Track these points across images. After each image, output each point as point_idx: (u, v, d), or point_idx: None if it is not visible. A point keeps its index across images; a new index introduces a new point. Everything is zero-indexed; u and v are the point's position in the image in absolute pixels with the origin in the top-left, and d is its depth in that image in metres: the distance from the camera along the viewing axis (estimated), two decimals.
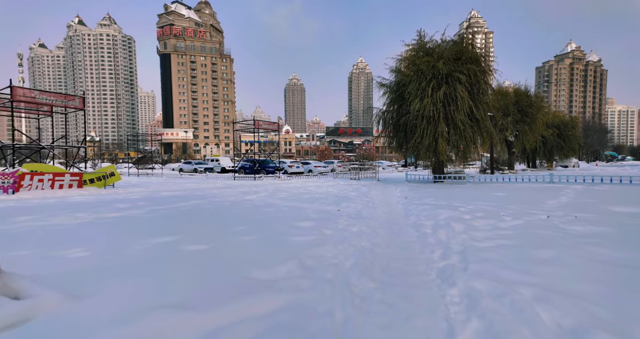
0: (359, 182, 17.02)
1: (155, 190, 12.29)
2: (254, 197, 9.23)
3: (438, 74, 14.35)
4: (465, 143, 15.22)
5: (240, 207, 7.12)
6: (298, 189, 12.07)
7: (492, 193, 9.83)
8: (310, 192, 11.01)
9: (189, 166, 32.54)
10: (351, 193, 10.79)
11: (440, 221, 5.51)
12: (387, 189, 13.45)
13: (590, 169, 32.87)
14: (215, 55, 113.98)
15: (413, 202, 8.12)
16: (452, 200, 8.34)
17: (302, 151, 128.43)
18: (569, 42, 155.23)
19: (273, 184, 15.51)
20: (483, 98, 15.10)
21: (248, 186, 14.25)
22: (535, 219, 5.60)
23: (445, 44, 14.85)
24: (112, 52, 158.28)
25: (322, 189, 12.46)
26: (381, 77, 17.27)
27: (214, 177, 22.52)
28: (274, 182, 17.80)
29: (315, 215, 6.01)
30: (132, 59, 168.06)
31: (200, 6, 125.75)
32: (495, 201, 8.03)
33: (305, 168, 28.06)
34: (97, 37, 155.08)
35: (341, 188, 12.81)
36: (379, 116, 17.58)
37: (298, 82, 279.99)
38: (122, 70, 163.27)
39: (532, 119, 24.63)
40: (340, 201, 8.35)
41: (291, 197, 9.18)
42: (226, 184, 16.56)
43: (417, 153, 16.79)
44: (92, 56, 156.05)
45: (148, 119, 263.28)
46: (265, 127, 20.55)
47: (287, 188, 12.70)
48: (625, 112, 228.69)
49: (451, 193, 10.38)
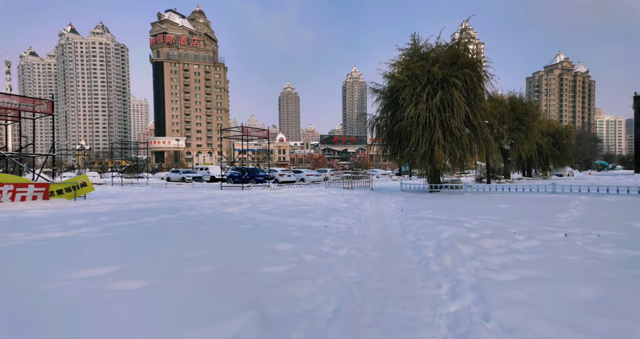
0: (351, 192, 16.20)
1: (130, 202, 11.29)
2: (234, 210, 8.32)
3: (433, 79, 13.77)
4: (462, 151, 14.57)
5: (215, 223, 6.22)
6: (285, 200, 11.19)
7: (495, 205, 9.08)
8: (298, 203, 10.13)
9: (177, 175, 31.43)
10: (342, 205, 9.95)
11: (444, 241, 4.68)
12: (381, 199, 12.65)
13: (585, 178, 32.58)
14: (209, 64, 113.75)
15: (410, 216, 7.30)
16: (453, 213, 7.54)
17: (296, 159, 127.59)
18: (558, 53, 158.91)
19: (260, 194, 14.60)
20: (480, 104, 14.53)
21: (233, 197, 13.31)
22: (552, 238, 4.81)
23: (441, 49, 14.33)
24: (104, 61, 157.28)
25: (311, 199, 11.60)
26: (374, 83, 16.70)
27: (200, 186, 21.51)
28: (262, 192, 16.88)
29: (298, 233, 5.14)
30: (125, 67, 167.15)
31: (195, 15, 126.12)
32: (500, 214, 7.26)
33: (297, 177, 27.19)
34: (89, 45, 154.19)
35: (332, 199, 11.96)
36: (372, 123, 16.91)
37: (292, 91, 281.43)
38: (114, 78, 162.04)
39: (527, 127, 24.25)
40: (329, 215, 7.50)
41: (275, 210, 8.30)
42: (211, 194, 15.59)
43: (412, 161, 16.09)
44: (84, 64, 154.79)
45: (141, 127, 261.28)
46: (254, 134, 19.72)
47: (274, 199, 11.81)
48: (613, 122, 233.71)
49: (450, 205, 9.60)
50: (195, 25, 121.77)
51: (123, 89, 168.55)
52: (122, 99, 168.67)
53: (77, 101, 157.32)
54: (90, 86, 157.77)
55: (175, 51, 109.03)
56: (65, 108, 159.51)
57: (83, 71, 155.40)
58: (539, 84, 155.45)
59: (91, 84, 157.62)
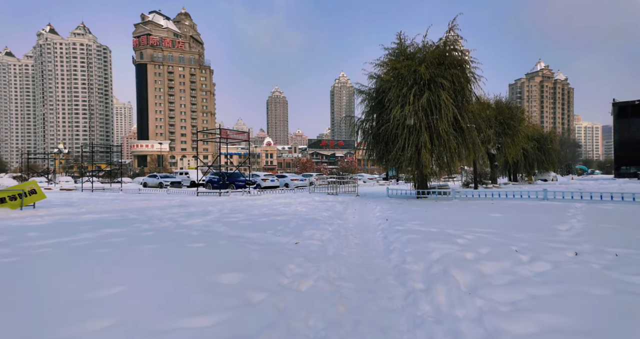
0: (336, 198, 15.31)
1: (85, 211, 10.05)
2: (197, 222, 7.27)
3: (420, 79, 13.10)
4: (450, 155, 13.91)
5: (162, 241, 5.18)
6: (261, 209, 10.19)
7: (487, 214, 8.33)
8: (274, 212, 9.15)
9: (154, 179, 29.87)
10: (323, 214, 9.02)
11: (435, 264, 3.81)
12: (366, 206, 11.79)
13: (569, 182, 32.78)
14: (194, 66, 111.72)
15: (395, 228, 6.44)
16: (443, 224, 6.73)
17: (284, 164, 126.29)
18: (539, 61, 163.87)
19: (236, 202, 13.52)
20: (468, 107, 13.95)
21: (205, 204, 12.20)
22: (562, 258, 4.01)
23: (427, 48, 13.70)
24: (85, 62, 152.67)
25: (290, 208, 10.63)
26: (359, 84, 15.96)
27: (176, 192, 20.21)
28: (241, 198, 15.79)
29: (258, 255, 4.18)
30: (108, 69, 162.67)
31: (180, 17, 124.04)
32: (495, 225, 6.48)
33: (280, 182, 26.14)
34: (69, 46, 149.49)
35: (313, 206, 11.02)
36: (358, 125, 16.12)
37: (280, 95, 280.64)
38: (96, 80, 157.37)
39: (514, 131, 24.02)
40: (305, 227, 6.56)
41: (244, 222, 7.30)
42: (183, 201, 14.41)
43: (399, 166, 15.38)
44: (63, 66, 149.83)
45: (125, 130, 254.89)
46: (234, 137, 18.64)
47: (249, 207, 10.77)
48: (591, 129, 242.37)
49: (439, 213, 8.81)
50: (181, 27, 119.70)
51: (105, 91, 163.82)
52: (104, 101, 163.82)
53: (57, 103, 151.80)
54: (70, 87, 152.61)
55: (160, 53, 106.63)
56: (44, 110, 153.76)
57: (63, 73, 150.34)
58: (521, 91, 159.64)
59: (71, 86, 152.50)
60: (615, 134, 48.40)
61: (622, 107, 46.19)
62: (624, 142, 46.41)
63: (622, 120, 46.26)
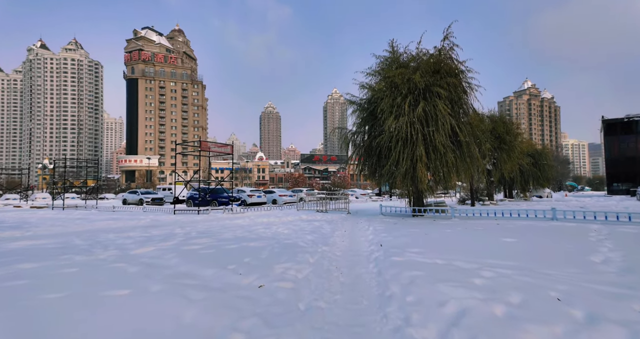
0: (325, 216, 14.00)
1: (32, 235, 8.54)
2: (149, 251, 5.89)
3: (414, 88, 12.19)
4: (447, 170, 12.82)
5: (77, 284, 3.81)
6: (237, 231, 8.81)
7: (497, 238, 7.12)
8: (248, 236, 7.79)
9: (134, 196, 28.12)
10: (306, 237, 7.70)
11: (454, 331, 2.55)
12: (358, 226, 10.50)
13: (564, 199, 32.05)
14: (186, 81, 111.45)
15: (392, 259, 5.17)
16: (449, 252, 5.49)
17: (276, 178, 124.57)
18: (525, 80, 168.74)
19: (213, 221, 12.09)
20: (466, 118, 13.05)
21: (176, 225, 10.76)
22: (633, 317, 2.79)
23: (422, 56, 12.89)
24: (76, 77, 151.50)
25: (271, 229, 9.28)
26: (350, 94, 15.01)
27: (152, 210, 18.61)
28: (221, 216, 14.34)
29: (193, 313, 2.85)
30: (99, 84, 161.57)
31: (174, 33, 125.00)
32: (513, 255, 5.27)
33: (268, 198, 24.70)
34: (60, 61, 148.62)
35: (298, 227, 9.69)
36: (349, 138, 15.06)
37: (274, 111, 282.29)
38: (86, 95, 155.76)
39: (509, 146, 23.29)
40: (279, 258, 5.25)
41: (206, 250, 5.94)
42: (155, 221, 12.90)
43: (393, 181, 14.23)
44: (53, 80, 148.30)
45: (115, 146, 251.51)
46: (216, 150, 17.35)
47: (223, 228, 9.38)
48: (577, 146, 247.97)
49: (441, 237, 7.58)
50: (174, 43, 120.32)
51: (96, 106, 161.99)
52: (94, 116, 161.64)
53: (44, 117, 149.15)
54: (59, 102, 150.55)
55: (151, 68, 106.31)
56: (30, 125, 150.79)
57: (52, 87, 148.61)
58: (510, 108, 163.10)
59: (60, 100, 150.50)
60: (605, 151, 48.50)
61: (611, 124, 46.50)
62: (614, 159, 46.44)
63: (612, 137, 46.46)
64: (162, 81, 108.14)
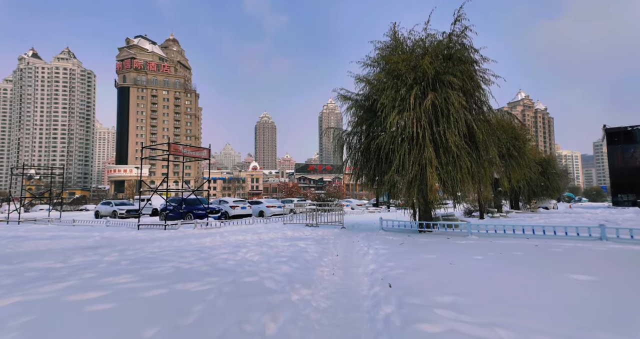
0: (314, 232, 11.65)
1: None
2: (45, 292, 3.51)
3: (422, 77, 10.11)
4: (461, 177, 10.59)
5: None
6: (188, 258, 6.43)
7: (560, 273, 4.83)
8: (199, 268, 5.42)
9: (108, 207, 25.46)
10: (281, 269, 5.36)
11: None
12: (354, 248, 8.17)
13: (570, 211, 30.05)
14: (179, 90, 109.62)
15: (418, 330, 2.86)
16: (507, 307, 3.23)
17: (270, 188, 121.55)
18: (519, 91, 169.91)
19: (174, 240, 9.65)
20: (483, 115, 10.98)
21: (124, 245, 8.35)
22: None
23: (430, 38, 10.84)
24: (68, 86, 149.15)
25: (238, 254, 6.91)
26: (345, 90, 12.89)
27: (116, 225, 16.09)
28: (189, 233, 11.89)
29: None
30: (91, 93, 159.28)
31: (168, 43, 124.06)
32: (602, 310, 2.99)
33: (254, 209, 22.20)
34: (52, 70, 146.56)
35: (275, 251, 7.33)
36: (342, 140, 12.87)
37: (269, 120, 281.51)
38: (77, 105, 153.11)
39: (519, 153, 21.27)
40: (212, 324, 2.92)
41: (103, 304, 3.58)
42: (105, 239, 10.43)
43: (395, 191, 11.97)
44: (44, 90, 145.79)
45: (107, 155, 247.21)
46: (190, 154, 15.04)
47: (175, 253, 6.98)
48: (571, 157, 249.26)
49: (474, 270, 5.29)
50: (168, 52, 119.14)
51: (87, 116, 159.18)
52: (85, 126, 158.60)
53: (34, 127, 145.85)
54: (50, 112, 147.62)
55: (144, 76, 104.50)
56: (19, 135, 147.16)
57: (43, 97, 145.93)
58: None
59: (51, 110, 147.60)
60: (609, 161, 46.93)
61: (613, 134, 45.10)
62: (618, 169, 44.81)
63: (615, 147, 44.95)
64: (154, 90, 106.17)
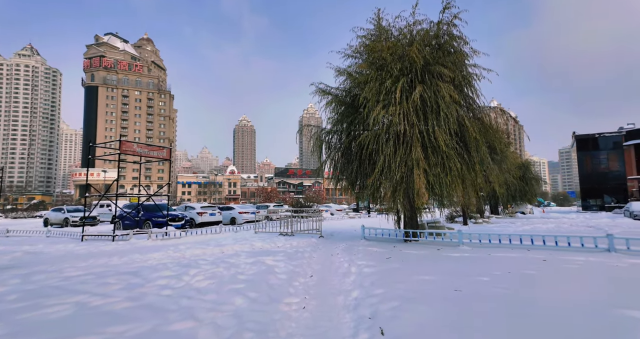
0: (289, 242, 10.20)
1: None
2: None
3: (409, 67, 9.01)
4: (451, 179, 9.53)
5: None
6: (123, 282, 4.83)
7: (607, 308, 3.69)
8: (115, 306, 3.87)
9: (58, 214, 22.71)
10: (234, 303, 3.91)
11: None
12: (333, 264, 6.82)
13: (545, 216, 30.32)
14: (153, 91, 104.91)
15: None
16: None
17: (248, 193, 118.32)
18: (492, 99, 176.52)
19: (116, 256, 7.89)
20: (474, 112, 10.04)
21: (49, 263, 6.55)
22: None
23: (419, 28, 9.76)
24: (30, 85, 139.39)
25: (183, 278, 5.36)
26: (324, 84, 11.59)
27: (59, 235, 13.89)
28: (141, 246, 10.08)
29: None
30: (56, 93, 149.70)
31: (142, 42, 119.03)
32: None
33: (224, 216, 20.40)
34: (12, 67, 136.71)
35: (233, 272, 5.83)
36: (322, 138, 11.55)
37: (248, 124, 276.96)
38: (41, 104, 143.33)
39: (501, 156, 20.81)
40: None
41: None
42: (31, 253, 8.48)
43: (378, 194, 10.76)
44: (2, 87, 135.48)
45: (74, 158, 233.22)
46: (147, 154, 13.22)
47: (113, 273, 5.34)
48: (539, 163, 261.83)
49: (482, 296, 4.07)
50: (142, 52, 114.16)
51: (52, 116, 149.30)
52: (48, 127, 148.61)
53: None
54: (8, 111, 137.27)
55: (114, 76, 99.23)
56: None
57: (1, 95, 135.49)
58: None
59: (10, 109, 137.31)
60: (579, 167, 48.50)
61: (583, 140, 46.65)
62: (587, 174, 46.30)
63: (584, 153, 46.48)
64: (125, 90, 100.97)
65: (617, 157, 42.94)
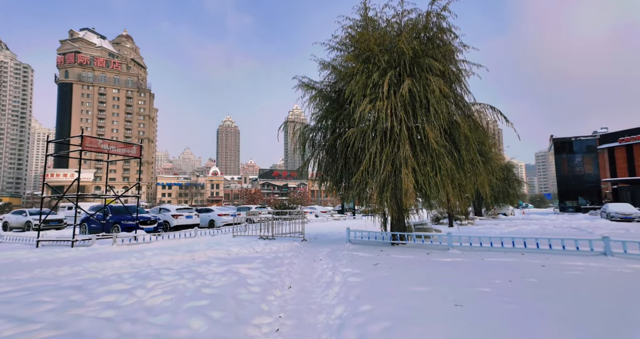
0: (268, 246, 9.44)
1: None
2: None
3: (398, 60, 8.47)
4: (441, 179, 9.05)
5: None
6: (60, 299, 3.96)
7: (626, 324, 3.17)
8: (70, 318, 3.03)
9: (20, 218, 20.94)
10: (191, 326, 3.14)
11: None
12: (314, 271, 6.13)
13: (526, 218, 30.69)
14: (132, 89, 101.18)
15: None
16: None
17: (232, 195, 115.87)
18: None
19: (68, 264, 6.89)
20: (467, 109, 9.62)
21: None
22: None
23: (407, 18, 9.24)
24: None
25: (139, 291, 4.53)
26: (307, 78, 10.92)
27: (10, 241, 12.58)
28: (104, 252, 9.06)
29: None
30: (27, 90, 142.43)
31: (120, 39, 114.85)
32: None
33: (202, 218, 19.31)
34: None
35: (202, 281, 5.04)
36: (305, 136, 10.85)
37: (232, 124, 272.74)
38: (10, 102, 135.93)
39: (486, 157, 20.72)
40: None
41: None
42: None
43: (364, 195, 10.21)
44: None
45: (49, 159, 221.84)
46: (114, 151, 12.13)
47: (51, 288, 4.43)
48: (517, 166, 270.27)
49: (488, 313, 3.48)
50: (121, 49, 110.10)
51: (22, 114, 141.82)
52: (18, 125, 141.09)
53: None
54: None
55: (90, 73, 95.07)
56: None
57: None
58: None
59: None
60: (556, 169, 49.83)
61: (560, 143, 47.96)
62: (564, 177, 47.59)
63: (561, 156, 47.78)
64: (102, 87, 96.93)
65: (592, 161, 44.37)
